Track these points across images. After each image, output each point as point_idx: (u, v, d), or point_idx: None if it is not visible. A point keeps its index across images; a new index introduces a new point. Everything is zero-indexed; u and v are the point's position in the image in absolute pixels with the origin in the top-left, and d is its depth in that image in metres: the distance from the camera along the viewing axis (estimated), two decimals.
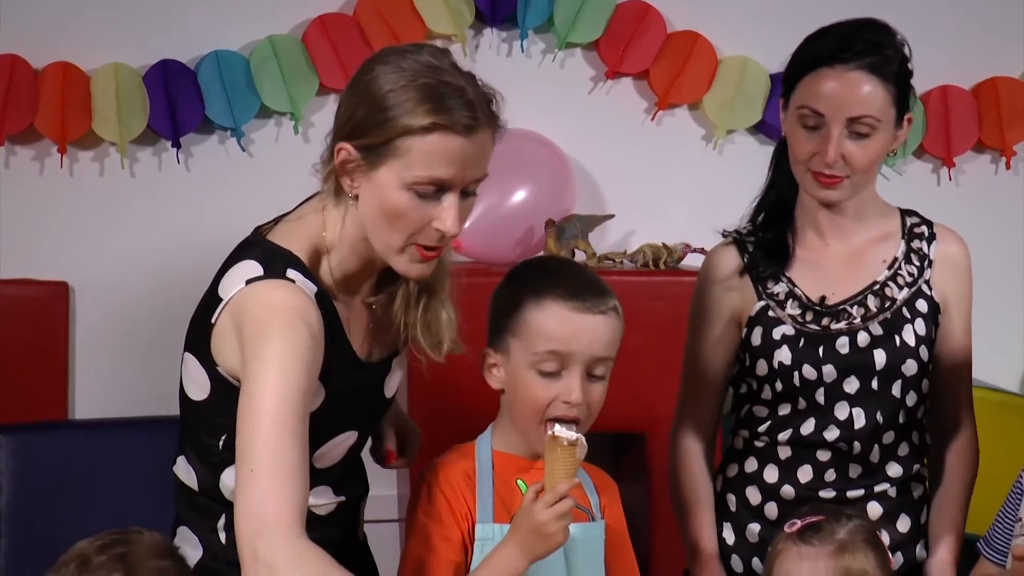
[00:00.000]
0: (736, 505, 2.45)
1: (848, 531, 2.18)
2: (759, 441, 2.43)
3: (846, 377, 2.36)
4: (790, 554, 2.18)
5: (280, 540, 1.79)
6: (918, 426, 2.44)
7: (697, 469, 2.46)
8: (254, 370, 1.87)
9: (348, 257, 2.03)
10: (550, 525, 2.05)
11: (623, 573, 2.27)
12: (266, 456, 1.83)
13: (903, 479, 2.42)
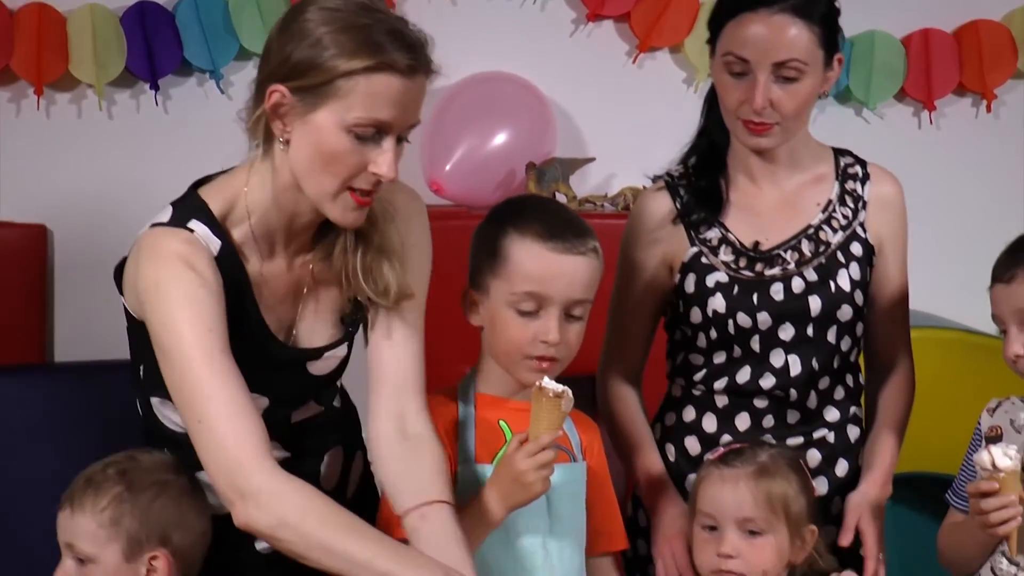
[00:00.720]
0: (675, 455, 2.43)
1: (770, 455, 2.19)
2: (696, 390, 2.42)
3: (781, 324, 2.34)
4: (712, 478, 2.19)
5: (256, 474, 1.82)
6: (852, 369, 2.44)
7: (633, 411, 2.44)
8: (158, 324, 1.88)
9: (270, 211, 1.99)
10: (530, 475, 2.05)
11: (604, 513, 2.28)
12: (205, 404, 1.84)
13: (840, 422, 2.41)
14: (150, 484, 2.02)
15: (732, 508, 2.15)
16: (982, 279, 2.29)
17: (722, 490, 2.17)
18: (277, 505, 1.82)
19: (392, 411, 2.05)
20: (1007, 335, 2.24)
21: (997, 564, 2.25)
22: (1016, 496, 2.15)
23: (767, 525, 2.14)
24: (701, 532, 2.19)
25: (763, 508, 2.14)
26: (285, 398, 2.11)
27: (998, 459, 2.14)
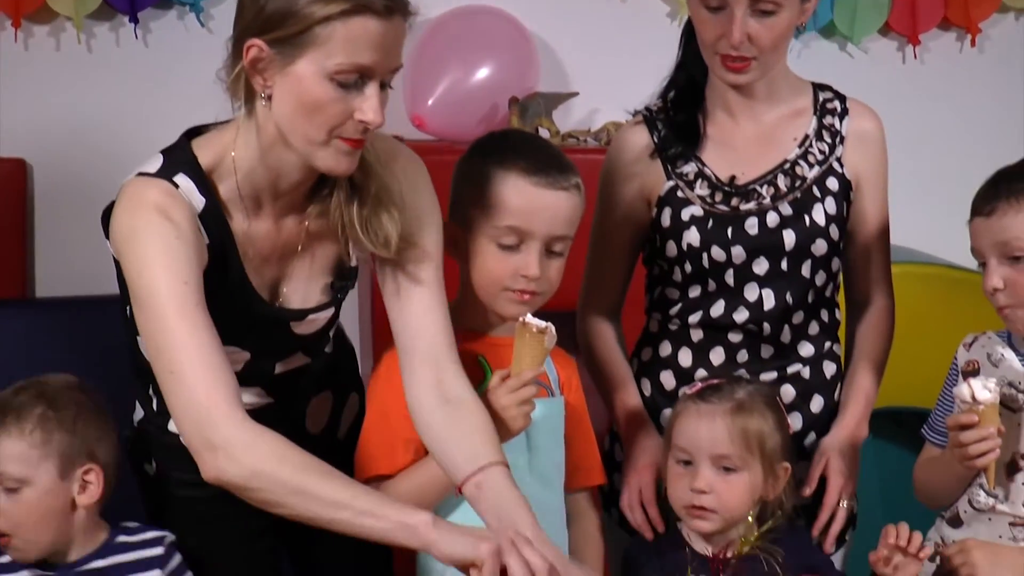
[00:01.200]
0: (651, 390, 2.43)
1: (747, 392, 2.19)
2: (671, 324, 2.41)
3: (755, 258, 2.34)
4: (688, 413, 2.19)
5: (226, 425, 1.81)
6: (828, 304, 2.44)
7: (612, 346, 2.44)
8: (134, 273, 1.87)
9: (256, 169, 1.96)
10: (512, 410, 2.06)
11: (582, 448, 2.29)
12: (177, 355, 1.83)
13: (815, 357, 2.41)
14: (69, 402, 2.04)
15: (707, 444, 2.15)
16: (963, 214, 2.29)
17: (698, 426, 2.17)
18: (249, 455, 1.80)
19: (429, 379, 2.03)
20: (986, 268, 2.24)
21: (975, 496, 2.27)
22: (994, 429, 2.17)
23: (742, 462, 2.14)
24: (675, 466, 2.19)
25: (738, 445, 2.14)
26: (268, 353, 2.10)
27: (978, 392, 2.16)
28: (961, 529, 2.29)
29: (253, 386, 2.11)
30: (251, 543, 2.13)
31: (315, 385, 2.21)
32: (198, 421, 1.82)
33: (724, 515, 2.13)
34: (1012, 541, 2.22)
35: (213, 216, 1.94)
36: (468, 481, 1.94)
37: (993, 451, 2.17)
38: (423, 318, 2.04)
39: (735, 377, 2.25)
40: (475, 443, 1.97)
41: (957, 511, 2.31)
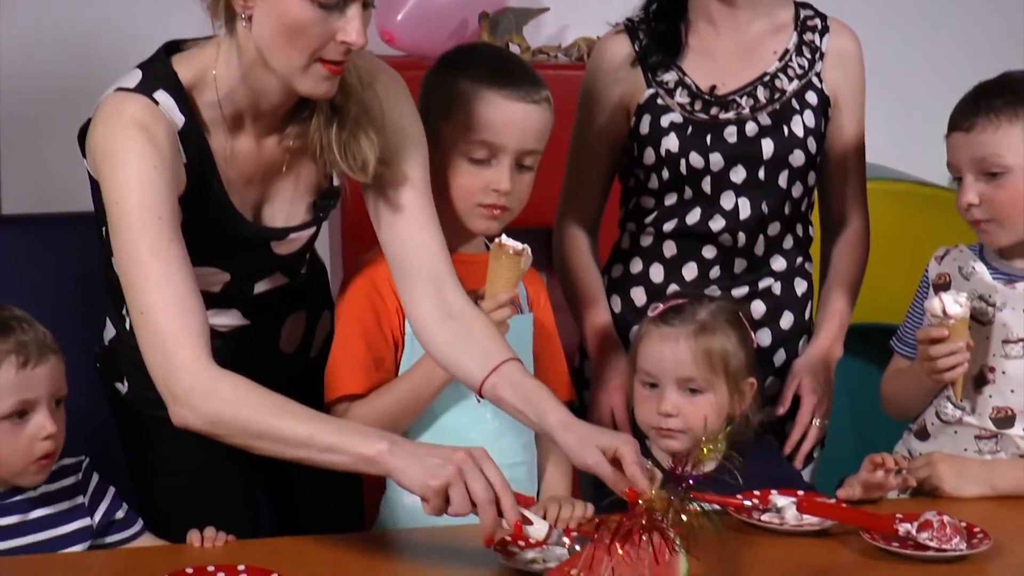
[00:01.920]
0: (621, 306, 2.44)
1: (709, 312, 2.18)
2: (645, 235, 2.41)
3: (733, 166, 2.34)
4: (652, 336, 2.18)
5: (189, 374, 1.79)
6: (802, 219, 2.44)
7: (585, 262, 2.44)
8: (111, 201, 1.84)
9: (238, 89, 1.92)
10: None
11: (551, 365, 2.29)
12: (148, 296, 1.81)
13: (787, 272, 2.42)
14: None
15: (671, 367, 2.15)
16: (932, 130, 2.29)
17: (661, 349, 2.16)
18: (208, 404, 1.78)
19: (430, 298, 2.01)
20: (962, 184, 2.24)
21: (942, 409, 2.29)
22: (964, 343, 2.18)
23: (706, 383, 2.15)
24: (641, 389, 2.19)
25: (702, 366, 2.14)
26: (248, 273, 2.09)
27: (948, 306, 2.17)
28: (928, 442, 2.31)
29: (230, 308, 2.10)
30: (226, 464, 2.13)
31: (290, 305, 2.20)
32: (163, 368, 1.81)
33: (692, 435, 2.13)
34: (978, 454, 2.25)
35: (193, 135, 1.91)
36: (485, 384, 1.94)
37: (962, 365, 2.18)
38: (417, 237, 2.02)
39: (697, 296, 2.24)
40: (484, 348, 1.97)
41: (924, 424, 2.33)
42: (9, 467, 1.92)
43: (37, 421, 1.92)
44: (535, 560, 1.85)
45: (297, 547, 1.94)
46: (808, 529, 2.01)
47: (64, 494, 1.99)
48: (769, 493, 2.09)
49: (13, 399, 1.91)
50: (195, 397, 1.79)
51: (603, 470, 1.81)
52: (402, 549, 2.01)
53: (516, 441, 2.20)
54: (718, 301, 2.23)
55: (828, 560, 1.93)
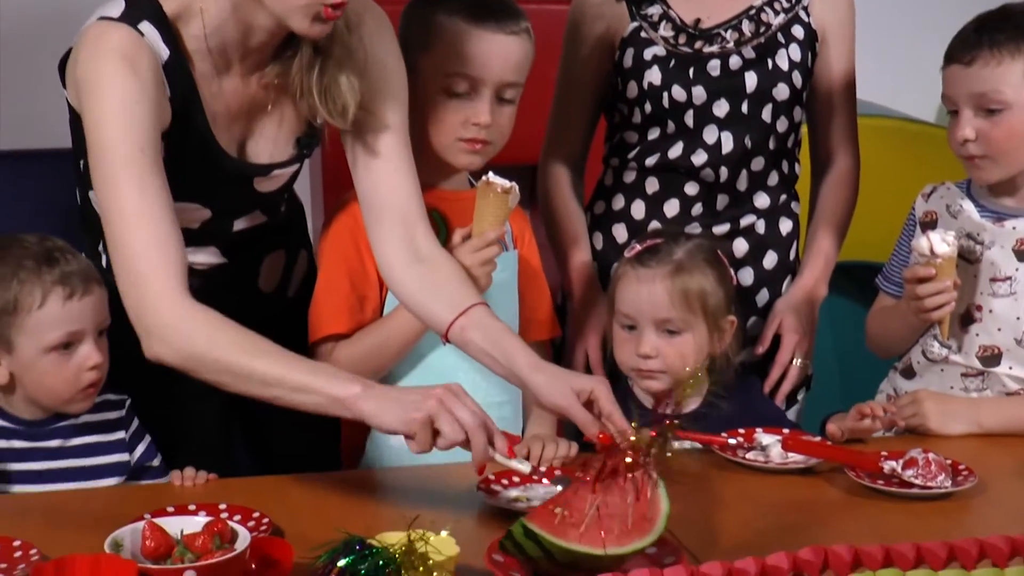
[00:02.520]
0: (603, 243, 2.42)
1: (686, 251, 2.16)
2: (628, 171, 2.39)
3: (716, 100, 2.31)
4: (628, 278, 2.16)
5: (165, 309, 1.76)
6: (788, 156, 2.41)
7: (568, 199, 2.42)
8: (92, 131, 1.80)
9: (227, 23, 1.88)
10: (475, 269, 2.04)
11: (535, 302, 2.27)
12: (128, 230, 1.77)
13: (771, 210, 2.39)
14: None
15: (649, 309, 2.13)
16: (922, 66, 2.26)
17: (638, 291, 2.14)
18: (182, 339, 1.76)
19: (401, 240, 1.98)
20: (957, 118, 2.21)
21: (928, 347, 2.28)
22: (951, 282, 2.16)
23: (685, 324, 2.13)
24: (620, 331, 2.18)
25: (680, 307, 2.12)
26: (228, 210, 2.06)
27: (936, 245, 2.15)
28: (914, 380, 2.31)
29: (209, 245, 2.08)
30: (202, 401, 2.12)
31: (269, 244, 2.18)
32: (137, 303, 1.78)
33: (672, 375, 2.12)
34: (963, 392, 2.24)
35: (177, 68, 1.87)
36: (452, 327, 1.92)
37: (949, 304, 2.17)
38: (391, 179, 1.99)
39: (674, 234, 2.22)
40: (452, 291, 1.95)
41: (910, 362, 2.32)
42: (56, 397, 1.93)
43: (83, 352, 1.93)
44: (518, 499, 1.84)
45: (280, 486, 1.93)
46: (793, 467, 2.00)
47: (107, 426, 2.00)
48: (754, 431, 2.08)
49: (60, 331, 1.91)
50: (169, 332, 1.76)
51: (576, 411, 1.80)
52: (386, 488, 2.00)
53: (501, 380, 2.18)
54: (695, 239, 2.21)
55: (813, 497, 1.92)
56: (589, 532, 1.48)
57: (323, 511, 1.81)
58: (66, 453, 1.96)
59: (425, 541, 1.42)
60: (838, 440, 2.10)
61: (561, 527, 1.49)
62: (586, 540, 1.48)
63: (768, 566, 1.49)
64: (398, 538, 1.43)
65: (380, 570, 1.41)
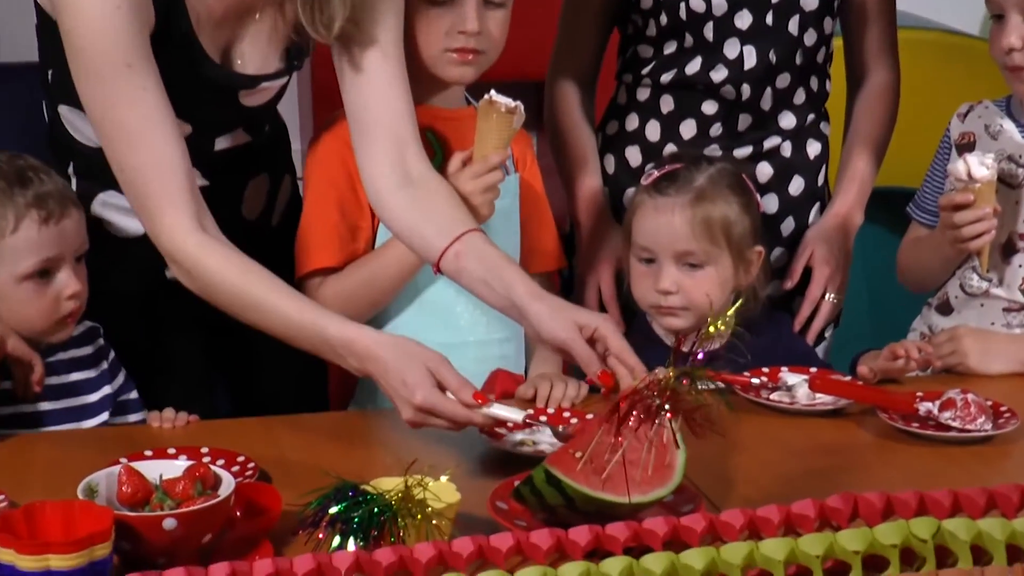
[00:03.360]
0: (615, 166, 2.40)
1: (708, 177, 2.14)
2: (642, 88, 2.37)
3: (737, 11, 2.28)
4: (645, 208, 2.15)
5: (174, 243, 1.79)
6: (818, 72, 2.38)
7: (578, 119, 2.40)
8: (75, 47, 1.78)
9: None
10: (475, 197, 2.01)
11: (538, 230, 2.26)
12: (124, 150, 1.78)
13: (798, 131, 2.37)
14: None
15: (668, 241, 2.12)
16: None
17: (656, 221, 2.13)
18: (196, 273, 1.79)
19: (391, 161, 1.96)
20: (1004, 24, 2.16)
21: (967, 280, 2.27)
22: (990, 208, 2.15)
23: (707, 256, 2.12)
24: (637, 265, 2.17)
25: (702, 238, 2.11)
26: (211, 125, 2.04)
27: (974, 169, 2.13)
28: (951, 316, 2.30)
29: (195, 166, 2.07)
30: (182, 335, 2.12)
31: (253, 166, 2.17)
32: (150, 229, 1.81)
33: (695, 312, 2.11)
34: (1005, 328, 2.23)
35: None
36: (445, 255, 1.89)
37: (988, 232, 2.15)
38: (381, 93, 1.97)
39: (695, 158, 2.20)
40: (445, 216, 1.93)
41: (947, 297, 2.31)
42: (32, 327, 1.92)
43: (61, 279, 1.91)
44: (524, 442, 1.84)
45: (266, 428, 1.93)
46: (821, 409, 2.00)
47: (89, 361, 2.00)
48: (779, 371, 2.08)
49: (36, 258, 1.89)
50: (180, 259, 1.79)
51: (578, 347, 1.77)
52: (381, 431, 2.00)
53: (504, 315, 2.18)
54: (718, 164, 2.19)
55: (842, 441, 1.92)
56: (612, 480, 1.48)
57: (313, 455, 1.81)
58: (53, 394, 1.95)
59: (423, 487, 1.42)
60: (870, 381, 2.09)
61: (584, 474, 1.49)
62: (609, 488, 1.48)
63: (793, 514, 1.48)
64: (394, 484, 1.43)
65: (375, 518, 1.40)
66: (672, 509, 1.55)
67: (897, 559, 1.39)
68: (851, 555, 1.38)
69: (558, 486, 1.49)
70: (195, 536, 1.45)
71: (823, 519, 1.49)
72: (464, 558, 1.37)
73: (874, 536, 1.40)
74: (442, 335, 2.11)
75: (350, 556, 1.36)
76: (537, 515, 1.53)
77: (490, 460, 1.81)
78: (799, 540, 1.39)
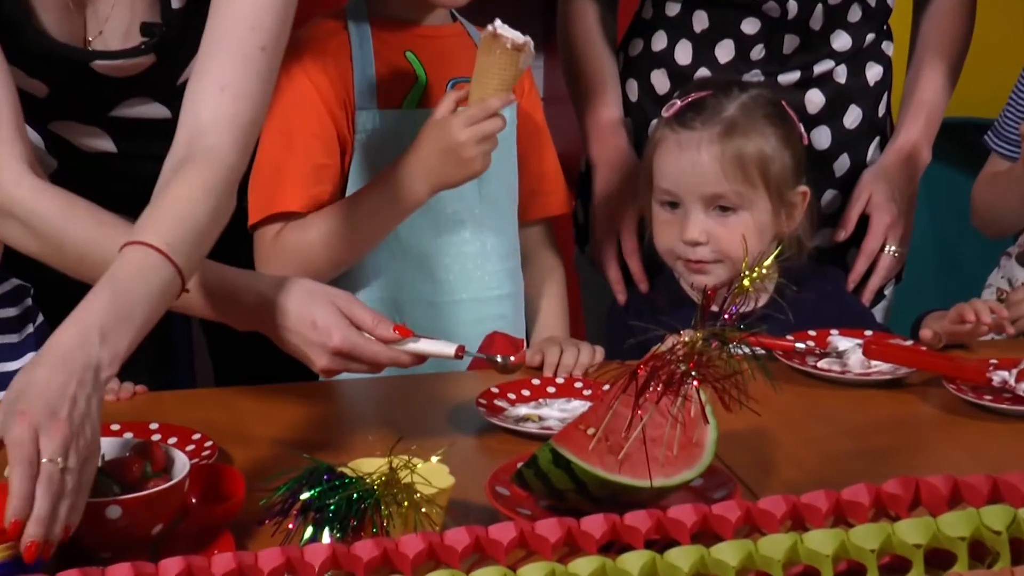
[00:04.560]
0: (638, 93, 2.41)
1: (739, 105, 2.14)
2: (672, 2, 2.37)
3: None
4: (668, 144, 2.15)
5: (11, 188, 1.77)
6: None
7: (595, 38, 2.41)
8: None
9: None
10: (469, 148, 2.00)
11: (540, 168, 2.27)
12: None
13: (854, 53, 2.38)
14: None
15: (695, 182, 2.12)
16: None
17: (680, 160, 2.13)
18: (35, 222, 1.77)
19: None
20: None
21: None
22: None
23: (740, 199, 2.12)
24: (660, 211, 2.17)
25: (734, 178, 2.11)
26: (69, 88, 2.04)
27: None
28: None
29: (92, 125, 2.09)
30: None
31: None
32: None
33: (730, 265, 2.12)
34: None
35: None
36: None
37: None
38: None
39: (724, 84, 2.20)
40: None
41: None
42: None
43: None
44: (529, 417, 1.85)
45: (226, 401, 1.94)
46: (877, 378, 2.02)
47: (20, 323, 2.02)
48: (828, 333, 2.09)
49: None
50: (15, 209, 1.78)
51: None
52: (361, 403, 2.02)
53: (500, 267, 2.19)
54: (752, 89, 2.19)
55: (902, 416, 1.93)
56: (631, 460, 1.49)
57: (281, 432, 1.83)
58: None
59: (411, 469, 1.43)
60: (934, 347, 2.10)
61: (598, 453, 1.50)
62: (627, 470, 1.49)
63: (844, 502, 1.49)
64: (377, 465, 1.44)
65: (354, 505, 1.41)
66: (702, 495, 1.56)
67: (965, 554, 1.40)
68: (911, 549, 1.39)
69: (567, 468, 1.50)
70: (143, 526, 1.46)
71: (879, 507, 1.50)
72: (458, 552, 1.38)
73: (938, 527, 1.41)
74: (428, 292, 2.13)
75: (325, 550, 1.36)
76: (543, 502, 1.54)
77: (489, 438, 1.82)
78: (850, 532, 1.40)
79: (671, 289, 2.22)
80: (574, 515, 1.43)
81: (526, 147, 2.24)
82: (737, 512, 1.46)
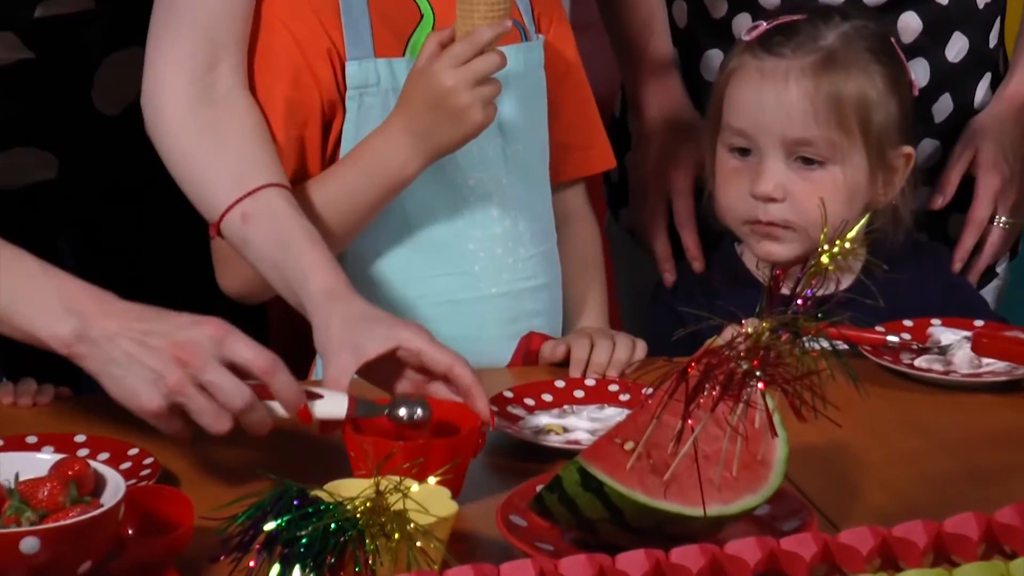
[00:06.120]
0: (688, 17, 2.43)
1: (840, 35, 2.15)
2: None
3: None
4: (747, 72, 2.16)
5: None
6: None
7: None
8: None
9: None
10: (461, 94, 1.99)
11: (574, 117, 2.28)
12: None
13: None
14: None
15: (777, 122, 2.14)
16: None
17: (761, 93, 2.15)
18: None
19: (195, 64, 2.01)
20: None
21: None
22: None
23: (832, 150, 2.14)
24: (728, 158, 2.19)
25: (827, 123, 2.12)
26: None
27: None
28: None
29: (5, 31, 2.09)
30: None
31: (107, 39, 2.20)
32: None
33: (806, 234, 2.14)
34: None
35: None
36: (228, 214, 1.94)
37: None
38: None
39: (822, 8, 2.22)
40: (243, 157, 1.98)
41: None
42: None
43: None
44: (551, 428, 1.86)
45: None
46: (989, 380, 2.03)
47: None
48: (928, 324, 2.09)
49: None
50: None
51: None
52: None
53: (536, 252, 2.19)
54: (854, 19, 2.20)
55: (1020, 428, 1.94)
56: (679, 482, 1.49)
57: (240, 447, 1.83)
58: None
59: (403, 493, 1.43)
60: None
61: (637, 474, 1.50)
62: (675, 494, 1.49)
63: (946, 534, 1.50)
64: (360, 488, 1.44)
65: (332, 538, 1.42)
66: (769, 526, 1.57)
67: None
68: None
69: (599, 492, 1.51)
70: (68, 562, 1.46)
71: (990, 541, 1.51)
72: None
73: None
74: (451, 289, 2.14)
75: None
76: (569, 534, 1.55)
77: (501, 454, 1.83)
78: (955, 571, 1.41)
79: (731, 267, 2.23)
80: (608, 551, 1.44)
81: (556, 88, 2.24)
82: (813, 548, 1.46)
